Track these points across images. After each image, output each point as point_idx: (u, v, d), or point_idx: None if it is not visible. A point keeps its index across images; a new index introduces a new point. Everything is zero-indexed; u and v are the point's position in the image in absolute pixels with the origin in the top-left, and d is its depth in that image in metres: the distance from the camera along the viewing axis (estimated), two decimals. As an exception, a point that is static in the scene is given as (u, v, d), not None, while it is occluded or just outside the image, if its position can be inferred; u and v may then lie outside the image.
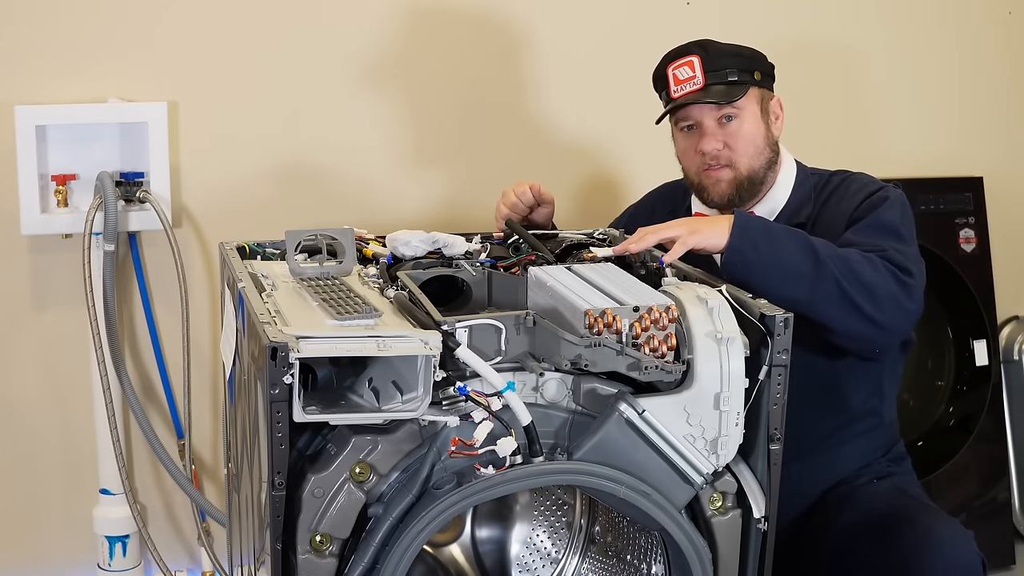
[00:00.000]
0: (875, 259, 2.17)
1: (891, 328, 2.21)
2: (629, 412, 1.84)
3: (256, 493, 1.93)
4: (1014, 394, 3.58)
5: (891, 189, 2.39)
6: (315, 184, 3.06)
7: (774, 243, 2.13)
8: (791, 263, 2.12)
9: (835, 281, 2.12)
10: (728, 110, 2.40)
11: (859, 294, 2.13)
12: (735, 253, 2.12)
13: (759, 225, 2.17)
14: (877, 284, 2.15)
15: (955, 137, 3.58)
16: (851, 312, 2.14)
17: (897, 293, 2.17)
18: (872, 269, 2.16)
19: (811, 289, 2.12)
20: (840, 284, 2.12)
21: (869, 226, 2.29)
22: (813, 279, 2.12)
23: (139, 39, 2.90)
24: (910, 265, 2.20)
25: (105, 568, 2.97)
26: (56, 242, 2.87)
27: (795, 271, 2.11)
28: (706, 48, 2.42)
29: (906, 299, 2.18)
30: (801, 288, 2.11)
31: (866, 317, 2.15)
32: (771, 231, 2.17)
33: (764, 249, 2.12)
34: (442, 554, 2.31)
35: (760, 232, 2.15)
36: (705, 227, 2.15)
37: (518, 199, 2.53)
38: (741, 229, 2.13)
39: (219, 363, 2.70)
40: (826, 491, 2.40)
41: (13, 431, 2.96)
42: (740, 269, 2.12)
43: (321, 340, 1.72)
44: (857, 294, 2.13)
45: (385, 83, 3.08)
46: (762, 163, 2.44)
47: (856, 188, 2.41)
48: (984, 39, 3.56)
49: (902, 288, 2.17)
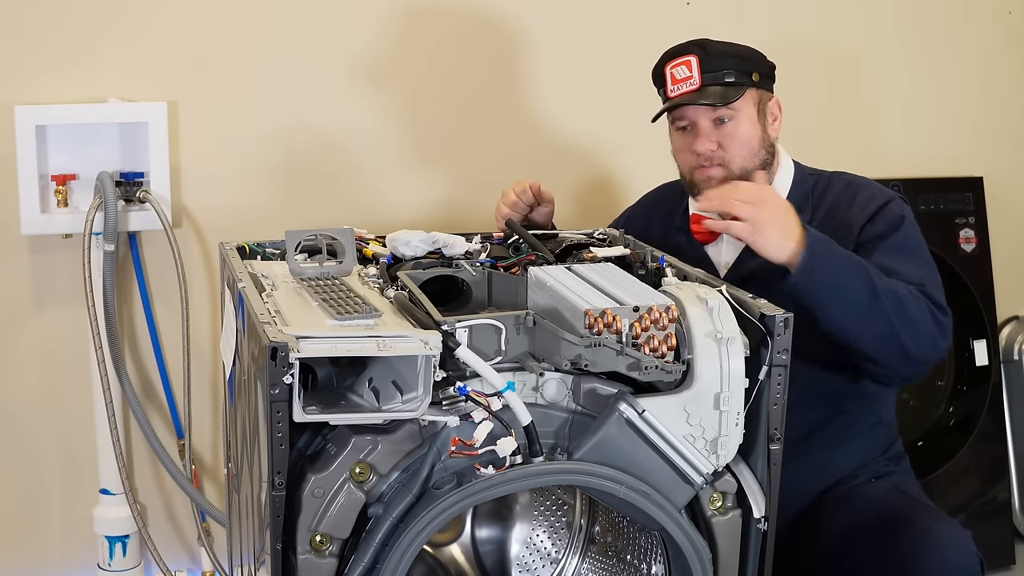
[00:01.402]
0: (920, 297, 2.21)
1: (923, 364, 2.26)
2: (629, 412, 1.84)
3: (256, 493, 1.93)
4: (1014, 394, 3.58)
5: (900, 203, 2.40)
6: (315, 184, 3.06)
7: (837, 270, 2.14)
8: (850, 294, 2.14)
9: (887, 317, 2.15)
10: (723, 112, 2.39)
11: (906, 333, 2.17)
12: (805, 273, 2.12)
13: (826, 247, 2.16)
14: (920, 323, 2.19)
15: (955, 137, 3.57)
16: (894, 348, 2.18)
17: (935, 334, 2.22)
18: (918, 308, 2.19)
19: (864, 321, 2.15)
20: (891, 321, 2.16)
21: (896, 248, 2.31)
22: (868, 312, 2.15)
23: (139, 39, 2.90)
24: (943, 302, 2.25)
25: (105, 568, 2.97)
26: (56, 242, 2.87)
27: (853, 303, 2.14)
28: (704, 48, 2.40)
29: (941, 339, 2.24)
30: (855, 319, 2.15)
31: (906, 354, 2.20)
32: (834, 255, 2.17)
33: (828, 273, 2.13)
34: (442, 554, 2.31)
35: (825, 255, 2.15)
36: (772, 232, 2.14)
37: (518, 198, 2.53)
38: (811, 249, 2.13)
39: (219, 363, 2.70)
40: (824, 491, 2.39)
41: (13, 431, 2.96)
42: (806, 291, 2.13)
43: (321, 340, 1.72)
44: (904, 333, 2.17)
45: (385, 83, 3.08)
46: (756, 164, 2.42)
47: (865, 198, 2.41)
48: (984, 39, 3.56)
49: (939, 328, 2.23)
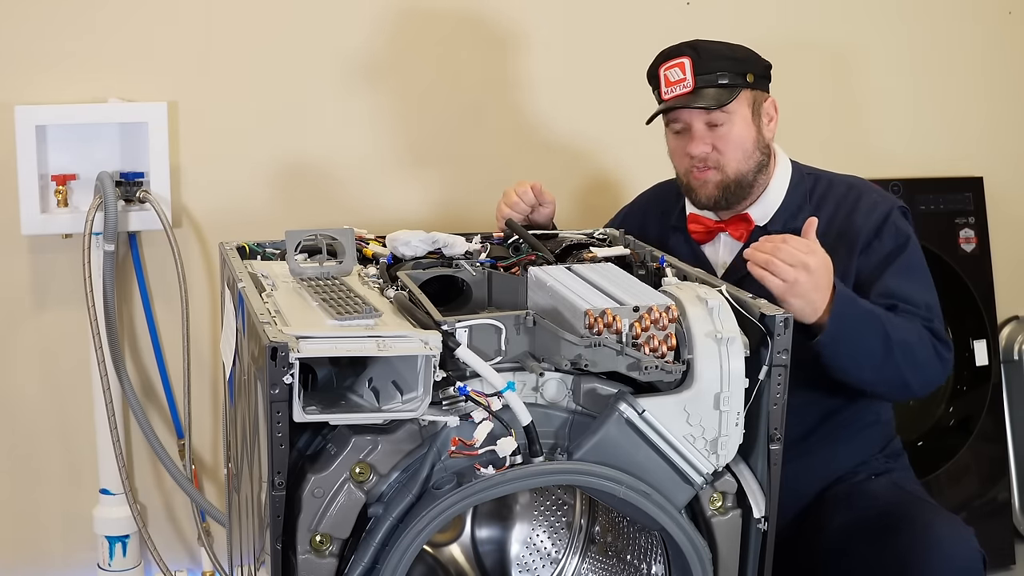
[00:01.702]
0: (925, 336, 2.28)
1: (920, 395, 2.35)
2: (629, 412, 1.84)
3: (256, 493, 1.93)
4: (1014, 394, 3.58)
5: (901, 212, 2.42)
6: (315, 184, 3.06)
7: (859, 334, 2.19)
8: (868, 351, 2.20)
9: (898, 366, 2.23)
10: (717, 115, 2.38)
11: (913, 377, 2.26)
12: (831, 341, 2.15)
13: (852, 312, 2.18)
14: (927, 365, 2.28)
15: (955, 137, 3.57)
16: (900, 389, 2.29)
17: (938, 371, 2.31)
18: (924, 350, 2.27)
19: (877, 371, 2.23)
20: (901, 370, 2.23)
21: (903, 270, 2.36)
22: (882, 364, 2.22)
23: (139, 39, 2.90)
24: (944, 334, 2.32)
25: (105, 568, 2.97)
26: (56, 242, 2.87)
27: (869, 359, 2.21)
28: (697, 50, 2.39)
29: (941, 375, 2.32)
30: (868, 372, 2.23)
31: (908, 389, 2.31)
32: (859, 317, 2.19)
33: (852, 339, 2.18)
34: (442, 554, 2.31)
35: (851, 319, 2.17)
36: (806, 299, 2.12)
37: (519, 198, 2.53)
38: (839, 317, 2.15)
39: (219, 363, 2.70)
40: (824, 489, 2.40)
41: (13, 431, 2.96)
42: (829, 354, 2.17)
43: (321, 340, 1.72)
44: (911, 377, 2.26)
45: (385, 83, 3.08)
46: (751, 166, 2.42)
47: (868, 206, 2.41)
48: (984, 39, 3.56)
49: (942, 364, 2.31)
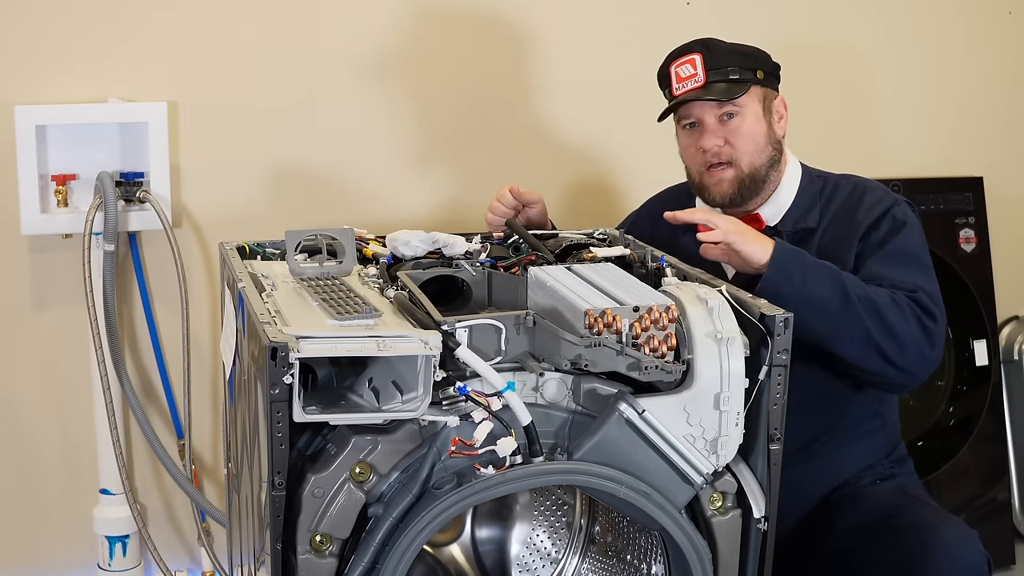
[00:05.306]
0: (903, 303, 2.22)
1: (910, 372, 2.25)
2: (629, 412, 1.84)
3: (256, 493, 1.93)
4: (1014, 394, 3.58)
5: (905, 207, 2.41)
6: (315, 184, 3.06)
7: (807, 278, 2.17)
8: (820, 299, 2.16)
9: (861, 322, 2.17)
10: (729, 107, 2.41)
11: (883, 338, 2.18)
12: (769, 283, 2.16)
13: (796, 259, 2.20)
14: (902, 329, 2.20)
15: (955, 137, 3.57)
16: (873, 353, 2.20)
17: (920, 339, 2.22)
18: (899, 313, 2.20)
19: (836, 326, 2.17)
20: (866, 326, 2.17)
21: (893, 255, 2.32)
22: (840, 318, 2.17)
23: (139, 39, 2.90)
24: (935, 309, 2.25)
25: (105, 568, 2.97)
26: (56, 242, 2.87)
27: (823, 308, 2.16)
28: (708, 46, 2.43)
29: (927, 347, 2.23)
30: (826, 324, 2.17)
31: (887, 360, 2.21)
32: (806, 266, 2.20)
33: (797, 283, 2.17)
34: (442, 554, 2.31)
35: (796, 265, 2.19)
36: (751, 239, 2.20)
37: (500, 203, 2.54)
38: (778, 262, 2.18)
39: (219, 363, 2.70)
40: (829, 493, 2.40)
41: (13, 431, 2.96)
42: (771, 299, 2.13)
43: (321, 340, 1.72)
44: (881, 337, 2.18)
45: (385, 83, 3.08)
46: (764, 161, 2.43)
47: (871, 201, 2.41)
48: (984, 39, 3.56)
49: (925, 335, 2.23)
